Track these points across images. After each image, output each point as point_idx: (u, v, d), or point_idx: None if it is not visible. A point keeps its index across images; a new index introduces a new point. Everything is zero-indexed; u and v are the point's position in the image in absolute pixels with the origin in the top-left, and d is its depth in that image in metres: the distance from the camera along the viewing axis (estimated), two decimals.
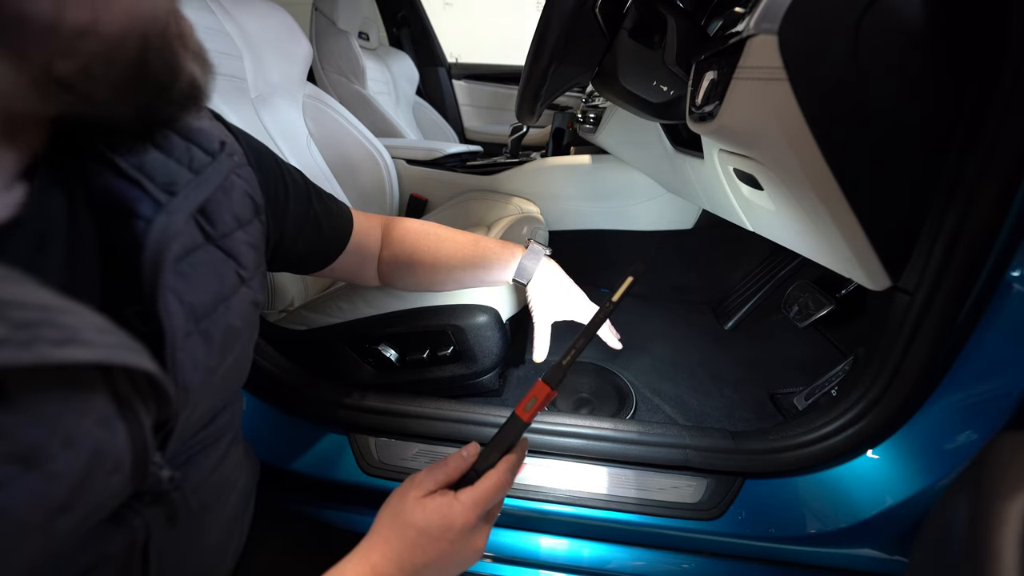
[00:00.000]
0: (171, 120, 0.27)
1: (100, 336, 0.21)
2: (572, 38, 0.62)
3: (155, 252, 0.26)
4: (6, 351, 0.17)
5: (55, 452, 0.20)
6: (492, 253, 0.60)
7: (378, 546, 0.33)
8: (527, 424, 0.38)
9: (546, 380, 0.38)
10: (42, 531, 0.20)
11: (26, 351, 0.17)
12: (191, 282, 0.29)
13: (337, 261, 0.54)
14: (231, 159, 0.35)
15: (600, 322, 0.40)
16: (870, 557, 0.58)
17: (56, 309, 0.19)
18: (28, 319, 0.18)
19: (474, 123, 2.42)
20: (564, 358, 0.39)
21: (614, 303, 0.40)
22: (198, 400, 0.30)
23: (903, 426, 0.55)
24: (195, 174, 0.30)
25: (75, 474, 0.21)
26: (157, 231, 0.26)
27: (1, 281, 0.18)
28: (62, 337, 0.19)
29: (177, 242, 0.27)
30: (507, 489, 0.37)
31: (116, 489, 0.24)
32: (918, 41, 0.41)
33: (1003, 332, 0.48)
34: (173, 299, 0.27)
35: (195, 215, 0.31)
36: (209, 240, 0.32)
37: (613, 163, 1.19)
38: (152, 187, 0.27)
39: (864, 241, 0.48)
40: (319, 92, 1.11)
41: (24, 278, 0.19)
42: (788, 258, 1.14)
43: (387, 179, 1.22)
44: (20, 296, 0.18)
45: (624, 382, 0.98)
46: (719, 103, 0.50)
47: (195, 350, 0.29)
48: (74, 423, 0.21)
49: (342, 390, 0.69)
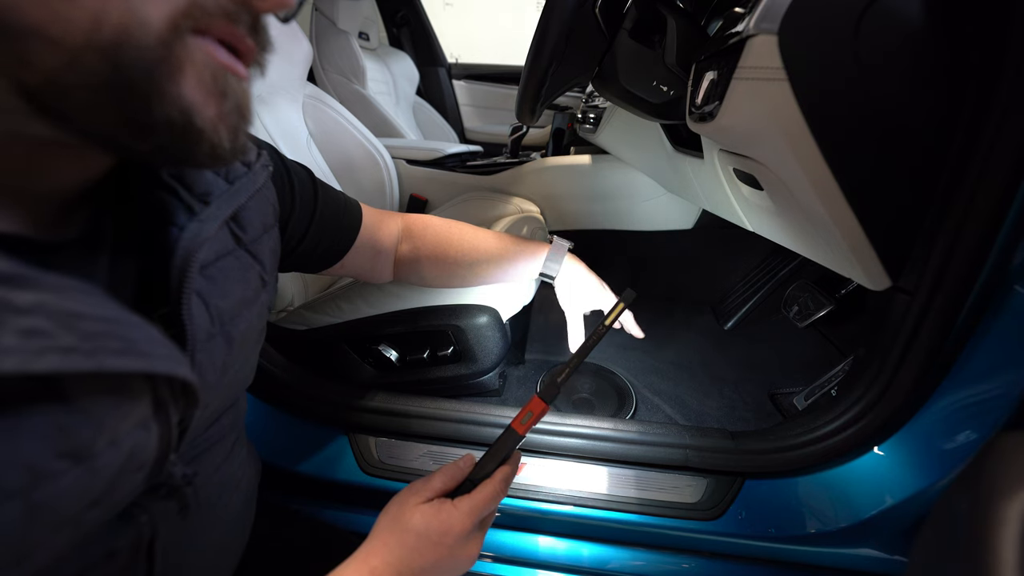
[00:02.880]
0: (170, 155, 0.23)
1: (153, 347, 0.22)
2: (572, 38, 0.62)
3: (183, 258, 0.27)
4: (73, 359, 0.18)
5: (101, 450, 0.21)
6: (518, 248, 0.62)
7: (377, 550, 0.34)
8: (522, 437, 0.40)
9: (541, 396, 0.40)
10: (75, 523, 0.21)
11: (90, 359, 0.19)
12: (220, 286, 0.31)
13: (347, 257, 0.54)
14: (266, 170, 0.36)
15: (592, 346, 0.42)
16: (870, 557, 0.58)
17: (118, 322, 0.21)
18: (95, 330, 0.19)
19: (474, 123, 2.42)
20: (559, 376, 0.41)
21: (607, 327, 0.43)
22: (210, 399, 0.31)
23: (903, 426, 0.55)
24: (230, 184, 0.32)
25: (112, 471, 0.22)
26: (187, 238, 0.28)
27: (76, 294, 0.19)
28: (121, 348, 0.20)
29: (205, 249, 0.29)
30: (501, 498, 0.39)
31: (137, 485, 0.25)
32: (918, 41, 0.41)
33: (1003, 332, 0.48)
34: (198, 303, 0.29)
35: (228, 222, 0.33)
36: (240, 245, 0.34)
37: (613, 163, 1.19)
38: (188, 196, 0.29)
39: (864, 241, 0.48)
40: (319, 92, 1.11)
41: (94, 290, 0.20)
42: (788, 258, 1.14)
43: (387, 179, 1.22)
44: (90, 309, 0.20)
45: (624, 382, 0.98)
46: (719, 103, 0.50)
47: (215, 351, 0.30)
48: (120, 424, 0.22)
49: (342, 390, 0.69)
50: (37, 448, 0.19)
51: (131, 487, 0.25)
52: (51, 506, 0.20)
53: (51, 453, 0.19)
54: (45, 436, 0.19)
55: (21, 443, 0.18)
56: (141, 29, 0.19)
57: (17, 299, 0.17)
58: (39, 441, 0.19)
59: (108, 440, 0.22)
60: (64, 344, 0.18)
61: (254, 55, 0.24)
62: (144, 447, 0.24)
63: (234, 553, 0.42)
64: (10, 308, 0.17)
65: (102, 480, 0.22)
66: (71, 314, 0.19)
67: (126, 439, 0.23)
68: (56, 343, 0.18)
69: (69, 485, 0.20)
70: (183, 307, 0.27)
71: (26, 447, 0.19)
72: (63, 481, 0.20)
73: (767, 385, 0.97)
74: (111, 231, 0.27)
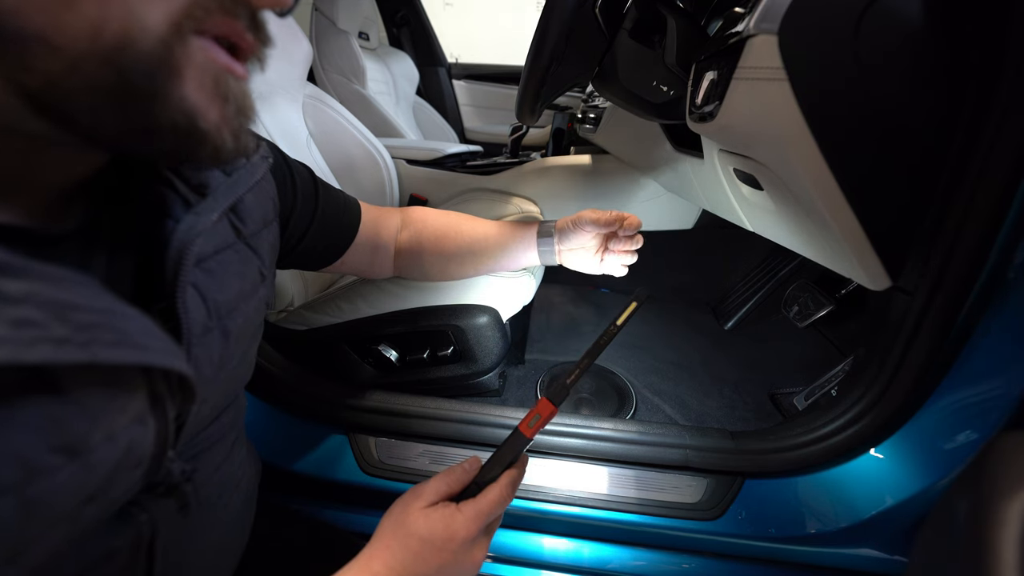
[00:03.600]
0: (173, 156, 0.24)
1: (148, 340, 0.22)
2: (572, 38, 0.62)
3: (178, 251, 0.27)
4: (66, 350, 0.18)
5: (96, 445, 0.21)
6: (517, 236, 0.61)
7: (380, 554, 0.34)
8: (529, 440, 0.39)
9: (549, 398, 0.39)
10: (71, 520, 0.21)
11: (83, 351, 0.19)
12: (218, 279, 0.31)
13: (347, 254, 0.55)
14: (265, 162, 0.36)
15: (604, 346, 0.41)
16: (870, 557, 0.58)
17: (113, 313, 0.21)
18: (88, 321, 0.19)
19: (474, 123, 2.42)
20: (568, 377, 0.40)
21: (618, 326, 0.41)
22: (207, 395, 0.31)
23: (903, 426, 0.55)
24: (227, 176, 0.32)
25: (109, 466, 0.22)
26: (183, 231, 0.27)
27: (70, 285, 0.19)
28: (115, 340, 0.20)
29: (201, 241, 0.28)
30: (508, 503, 0.38)
31: (134, 482, 0.25)
32: (918, 41, 0.41)
33: (1003, 332, 0.48)
34: (194, 296, 0.28)
35: (228, 214, 0.32)
36: (240, 238, 0.34)
37: (613, 163, 1.19)
38: (184, 188, 0.29)
39: (864, 241, 0.48)
40: (319, 92, 1.11)
41: (89, 281, 0.20)
42: (788, 258, 1.14)
43: (387, 179, 1.22)
44: (84, 300, 0.19)
45: (624, 382, 0.98)
46: (719, 103, 0.50)
47: (212, 345, 0.30)
48: (116, 419, 0.22)
49: (342, 390, 0.69)
50: (31, 441, 0.19)
51: (129, 484, 0.25)
52: (46, 502, 0.19)
53: (45, 447, 0.19)
54: (39, 429, 0.19)
55: (14, 436, 0.18)
56: (142, 33, 0.19)
57: (7, 288, 0.17)
58: (32, 434, 0.19)
59: (104, 435, 0.21)
60: (57, 335, 0.18)
61: (254, 51, 0.24)
62: (141, 442, 0.24)
63: (234, 553, 0.42)
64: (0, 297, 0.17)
65: (98, 476, 0.22)
66: (64, 304, 0.19)
67: (123, 434, 0.23)
68: (48, 334, 0.18)
69: (64, 480, 0.20)
70: (178, 300, 0.27)
71: (19, 440, 0.18)
72: (58, 476, 0.20)
73: (767, 385, 0.97)
74: (109, 224, 0.27)
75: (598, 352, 0.41)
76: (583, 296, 1.35)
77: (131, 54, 0.19)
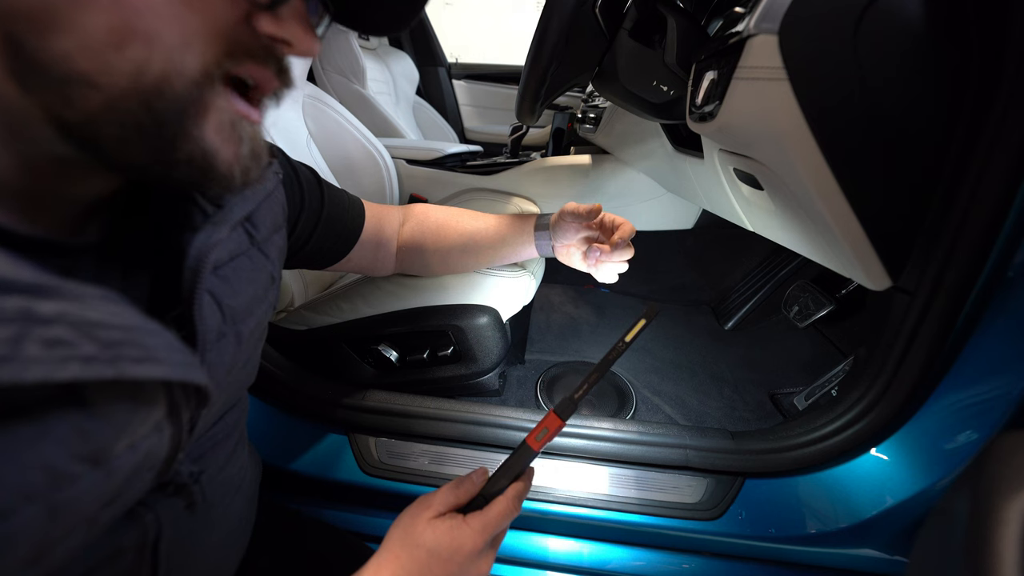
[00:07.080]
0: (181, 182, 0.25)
1: (170, 355, 0.23)
2: (572, 38, 0.62)
3: (196, 260, 0.28)
4: (94, 367, 0.19)
5: (119, 454, 0.22)
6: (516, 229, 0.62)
7: (388, 564, 0.34)
8: (536, 453, 0.39)
9: (557, 412, 0.40)
10: (90, 522, 0.22)
11: (110, 367, 0.19)
12: (232, 285, 0.31)
13: (352, 252, 0.56)
14: (277, 177, 0.37)
15: (612, 361, 0.40)
16: (870, 557, 0.58)
17: (137, 329, 0.21)
18: (114, 339, 0.20)
19: (474, 123, 2.42)
20: (576, 392, 0.40)
21: (627, 343, 0.41)
22: (217, 397, 0.31)
23: (903, 426, 0.55)
24: None
25: (128, 472, 0.23)
26: (200, 240, 0.28)
27: (97, 302, 0.20)
28: (140, 356, 0.21)
29: (218, 251, 0.29)
30: (514, 517, 0.38)
31: (147, 484, 0.26)
32: (918, 41, 0.41)
33: (1003, 332, 0.48)
34: (210, 303, 0.29)
35: (243, 223, 0.34)
36: (253, 244, 0.35)
37: (613, 163, 1.19)
38: (202, 200, 0.30)
39: (864, 241, 0.48)
40: (319, 92, 1.11)
41: (114, 297, 0.21)
42: (788, 258, 1.14)
43: (387, 179, 1.22)
44: (110, 317, 0.20)
45: (624, 382, 0.98)
46: (719, 103, 0.50)
47: (225, 350, 0.31)
48: (138, 429, 0.23)
49: (342, 390, 0.69)
50: (58, 452, 0.19)
51: (142, 485, 0.25)
52: (71, 507, 0.20)
53: (71, 457, 0.20)
54: (66, 440, 0.20)
55: (44, 448, 0.19)
56: (179, 77, 0.21)
57: (41, 309, 0.18)
58: (60, 446, 0.19)
59: (127, 444, 0.22)
60: (86, 353, 0.18)
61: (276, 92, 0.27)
62: (158, 449, 0.25)
63: (236, 553, 0.42)
64: (34, 318, 0.17)
65: (118, 481, 0.22)
66: (92, 323, 0.19)
67: (142, 443, 0.23)
68: (78, 352, 0.18)
69: (88, 487, 0.21)
70: (195, 308, 0.28)
71: (48, 451, 0.19)
72: (82, 484, 0.20)
73: (767, 385, 0.97)
74: (126, 235, 0.28)
75: (606, 368, 0.41)
76: (583, 296, 1.35)
77: (166, 95, 0.21)
